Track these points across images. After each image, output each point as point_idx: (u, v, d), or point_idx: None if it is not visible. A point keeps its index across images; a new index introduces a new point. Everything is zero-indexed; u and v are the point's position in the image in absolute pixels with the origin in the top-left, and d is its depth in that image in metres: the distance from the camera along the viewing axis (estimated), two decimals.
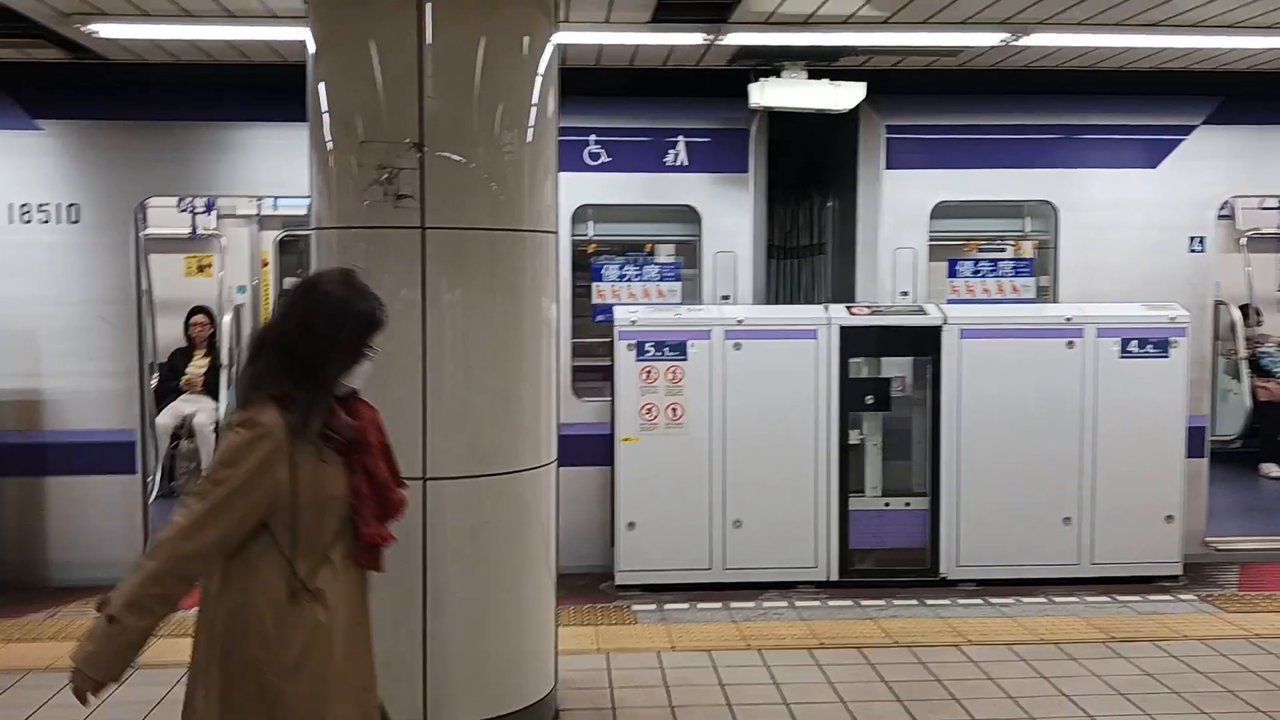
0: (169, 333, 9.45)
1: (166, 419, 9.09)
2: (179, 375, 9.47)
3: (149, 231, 8.05)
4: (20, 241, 6.95)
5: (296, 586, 2.73)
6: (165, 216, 9.55)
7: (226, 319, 9.80)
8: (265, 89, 6.95)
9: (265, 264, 10.31)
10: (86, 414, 7.03)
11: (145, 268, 7.39)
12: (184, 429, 9.29)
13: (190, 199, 9.56)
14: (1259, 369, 9.99)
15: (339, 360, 2.80)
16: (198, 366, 9.56)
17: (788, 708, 4.73)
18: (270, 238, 10.28)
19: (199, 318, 9.63)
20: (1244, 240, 10.42)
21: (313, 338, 2.76)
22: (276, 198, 9.69)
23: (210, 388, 9.50)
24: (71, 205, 6.97)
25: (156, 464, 8.32)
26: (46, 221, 6.96)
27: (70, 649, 2.74)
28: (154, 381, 8.40)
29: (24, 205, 6.94)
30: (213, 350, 9.66)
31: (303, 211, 9.42)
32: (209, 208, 9.94)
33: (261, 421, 2.68)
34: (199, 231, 9.96)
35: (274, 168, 7.09)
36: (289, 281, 10.34)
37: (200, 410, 9.34)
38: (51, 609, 6.43)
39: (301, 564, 2.75)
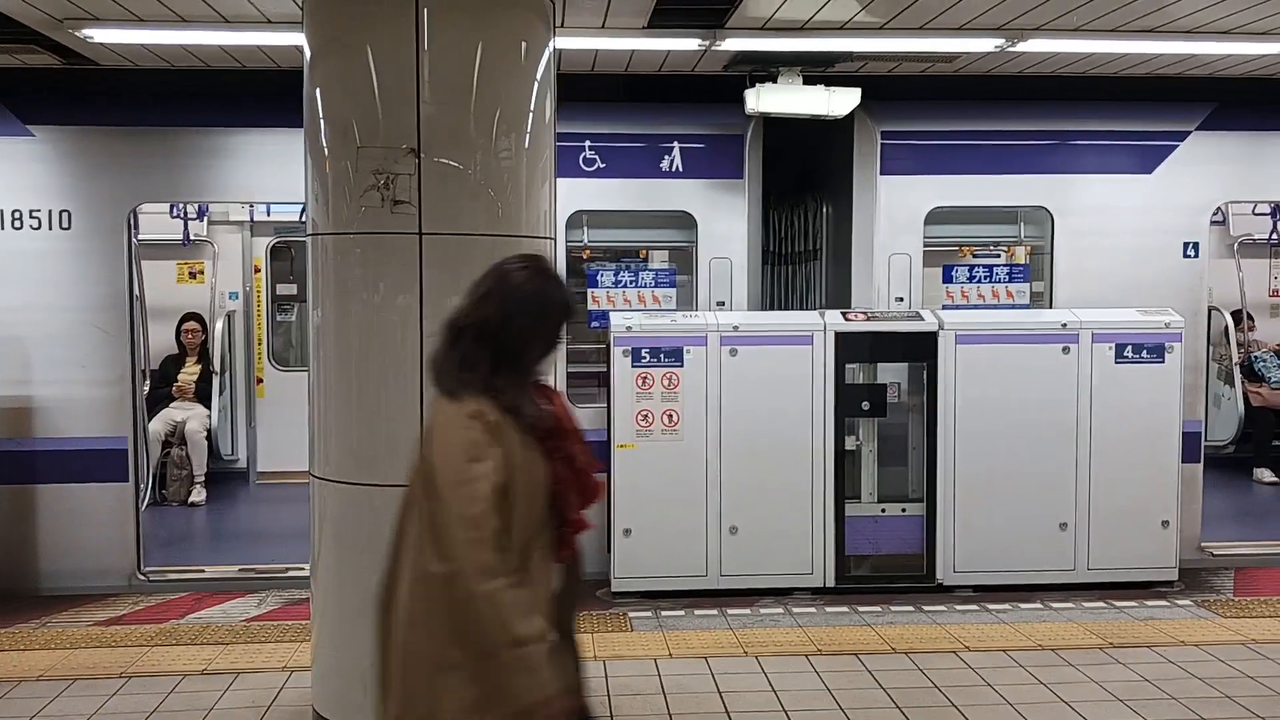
0: (161, 339, 9.42)
1: (158, 426, 9.06)
2: (171, 382, 9.45)
3: (141, 238, 8.01)
4: (12, 248, 6.91)
5: (510, 579, 2.66)
6: (157, 223, 9.53)
7: (218, 325, 9.79)
8: (258, 95, 6.93)
9: (257, 270, 10.28)
10: (78, 421, 6.98)
11: (137, 274, 7.35)
12: (176, 436, 9.26)
13: (182, 205, 9.53)
14: (1252, 374, 10.03)
15: (539, 349, 2.81)
16: (189, 373, 9.54)
17: (786, 715, 4.72)
18: (262, 244, 10.26)
19: (191, 324, 9.61)
20: (1236, 246, 10.44)
21: (514, 328, 2.74)
22: (269, 204, 9.66)
23: (202, 394, 9.47)
24: (63, 211, 6.93)
25: (148, 471, 8.27)
26: (38, 228, 6.93)
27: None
28: (146, 388, 8.36)
29: (15, 211, 6.90)
30: (204, 357, 9.64)
31: (295, 218, 9.52)
32: (201, 214, 9.91)
33: (484, 412, 2.65)
34: (191, 238, 9.94)
35: (267, 174, 7.06)
36: (281, 288, 10.35)
37: (192, 417, 9.32)
38: (43, 618, 6.39)
39: (513, 556, 2.67)
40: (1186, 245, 7.48)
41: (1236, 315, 10.17)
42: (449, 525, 2.57)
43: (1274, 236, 10.53)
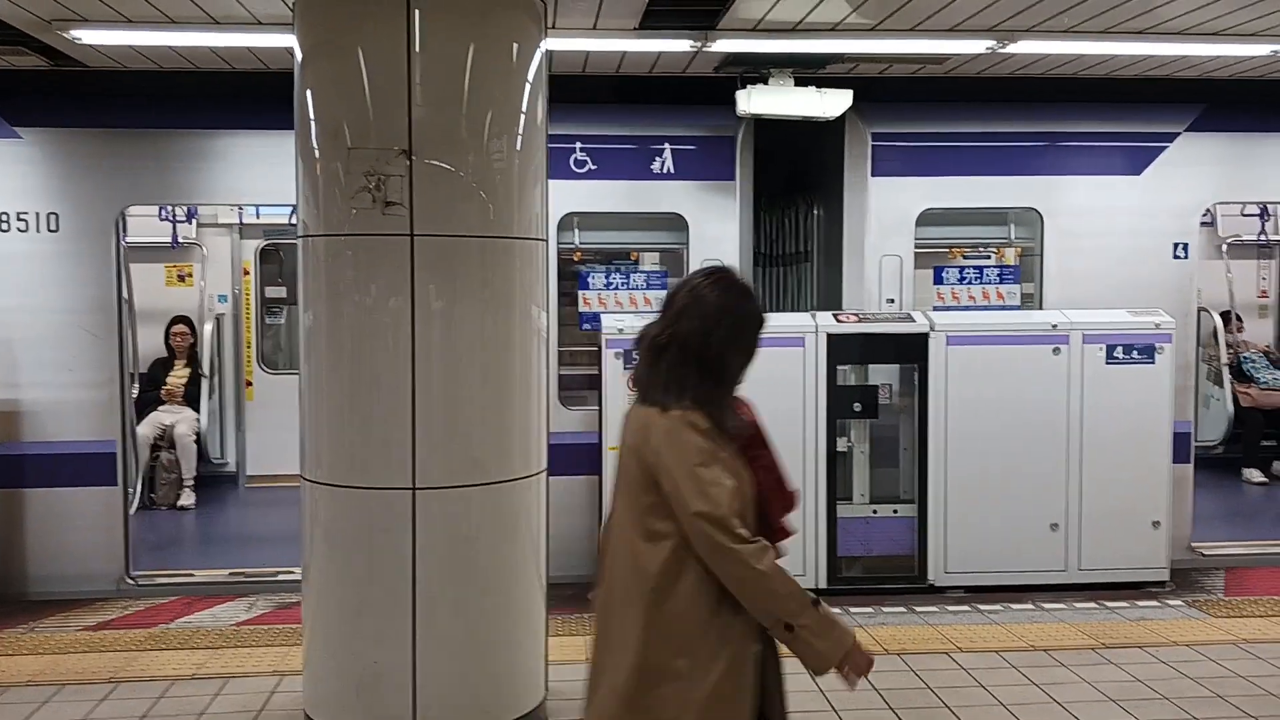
0: (149, 343, 9.36)
1: (147, 430, 9.02)
2: (159, 385, 9.41)
3: (129, 240, 7.97)
4: None
5: (725, 588, 2.70)
6: (146, 225, 9.48)
7: (207, 329, 9.75)
8: (248, 97, 6.91)
9: (246, 273, 10.24)
10: (66, 425, 6.94)
11: (126, 277, 7.31)
12: (165, 440, 9.22)
13: (171, 208, 9.49)
14: (1241, 375, 10.06)
15: (740, 360, 2.86)
16: (178, 377, 9.50)
17: None
18: (251, 246, 10.22)
19: (179, 327, 9.58)
20: (1225, 247, 10.48)
21: (714, 343, 2.79)
22: (259, 206, 9.63)
23: (191, 398, 9.43)
24: (51, 214, 6.89)
25: (137, 475, 8.23)
26: (26, 230, 6.88)
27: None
28: (134, 392, 8.32)
29: (3, 214, 6.85)
30: (193, 360, 9.60)
31: (284, 220, 9.48)
32: (190, 216, 9.87)
33: (698, 421, 2.71)
34: (180, 240, 9.89)
35: (257, 176, 7.04)
36: (271, 290, 10.32)
37: (181, 421, 9.28)
38: (30, 623, 6.35)
39: None
40: (1176, 246, 7.51)
41: (1225, 316, 10.21)
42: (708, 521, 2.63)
43: (1262, 237, 10.57)
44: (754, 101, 6.62)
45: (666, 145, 7.26)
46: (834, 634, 2.73)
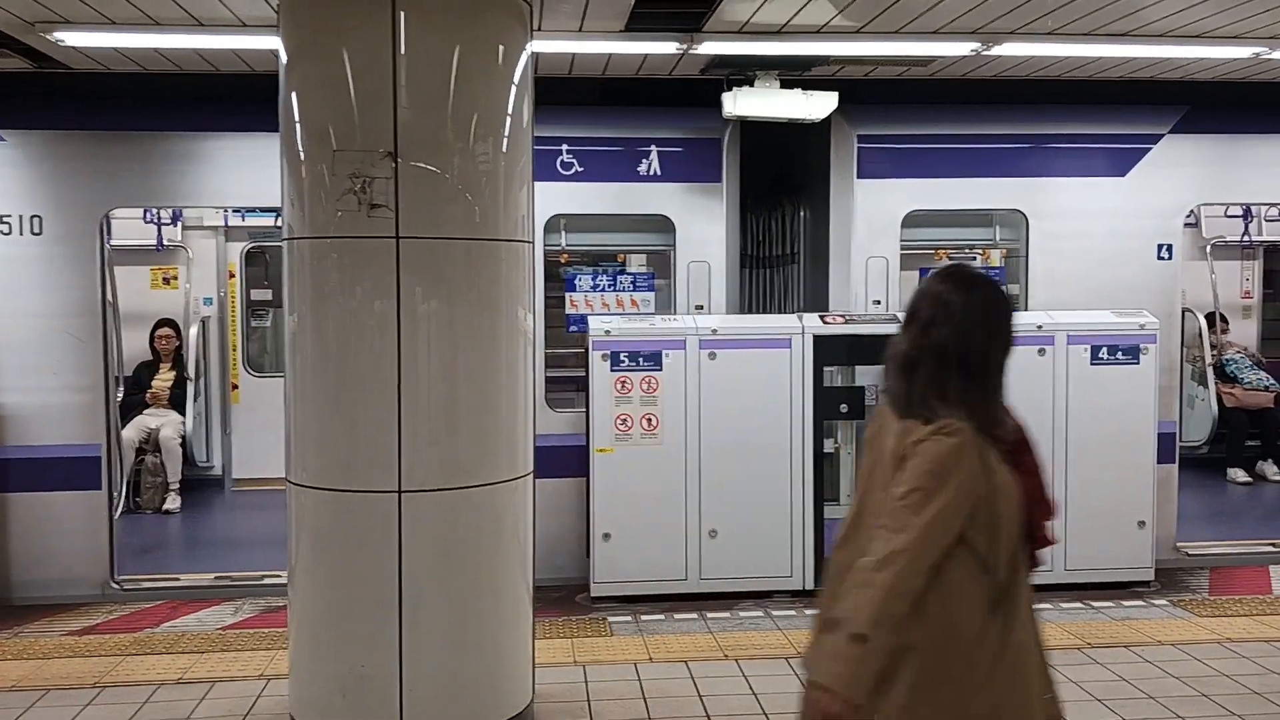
0: (134, 346, 9.32)
1: (131, 433, 8.97)
2: (144, 389, 9.36)
3: (114, 243, 7.94)
4: None
5: (997, 597, 2.66)
6: (130, 228, 9.44)
7: (193, 331, 9.70)
8: (233, 99, 6.88)
9: (232, 276, 10.20)
10: (50, 429, 6.90)
11: (110, 280, 7.28)
12: (150, 443, 9.18)
13: (156, 210, 9.45)
14: (1225, 375, 10.11)
15: (1001, 357, 2.78)
16: (163, 380, 9.46)
17: (766, 718, 4.71)
18: (237, 249, 10.18)
19: (165, 330, 9.53)
20: (1209, 248, 10.54)
21: (974, 344, 2.73)
22: (244, 210, 9.59)
23: (176, 401, 9.39)
24: (35, 217, 6.86)
25: (122, 479, 8.18)
26: (9, 233, 6.84)
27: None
28: (119, 395, 8.27)
29: None
30: (178, 363, 9.56)
31: (269, 223, 9.45)
32: (175, 219, 9.83)
33: (959, 428, 2.63)
34: (165, 243, 9.85)
35: (242, 178, 7.01)
36: (256, 293, 10.28)
37: (166, 424, 9.24)
38: (14, 628, 6.31)
39: (999, 573, 2.67)
40: (1160, 247, 7.54)
41: (1210, 317, 10.26)
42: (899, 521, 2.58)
43: (1246, 239, 10.63)
44: (740, 104, 6.63)
45: (653, 147, 7.26)
46: (863, 676, 2.57)
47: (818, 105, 6.71)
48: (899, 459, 2.68)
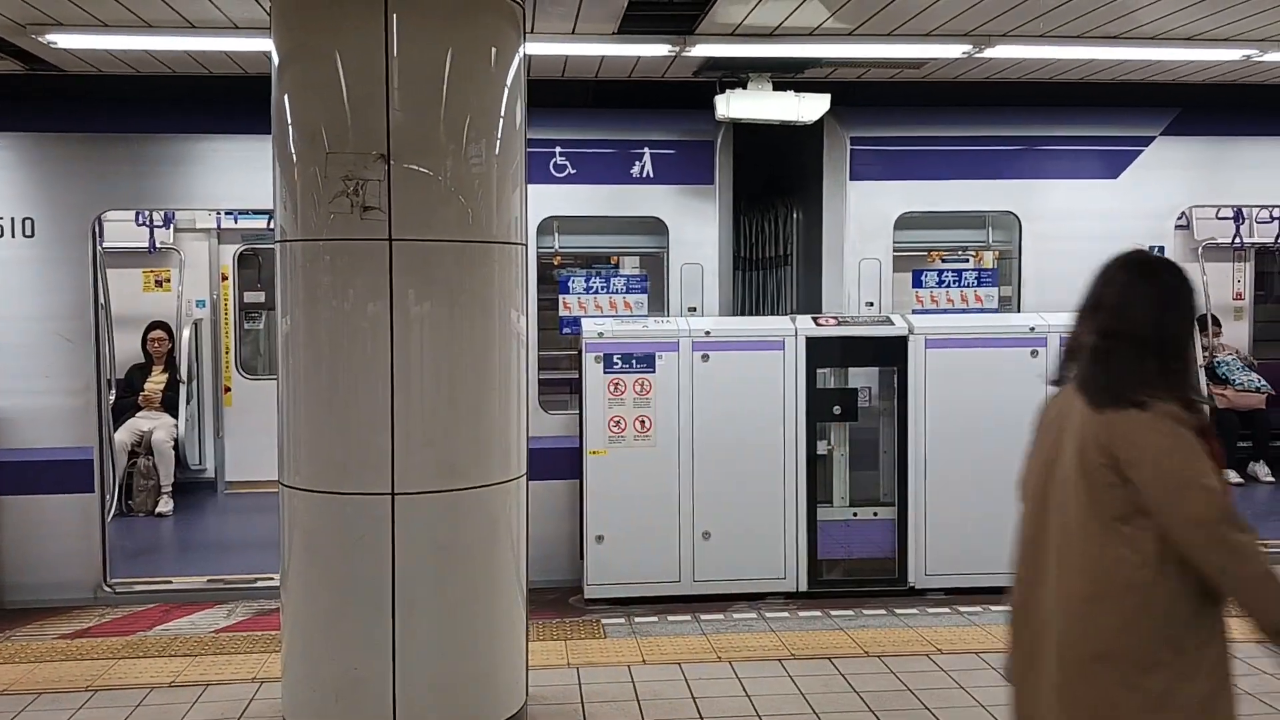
0: (127, 348, 9.30)
1: (124, 436, 8.96)
2: (137, 391, 9.35)
3: (106, 245, 7.92)
4: None
5: (1208, 588, 2.68)
6: (123, 230, 9.43)
7: (185, 334, 9.69)
8: (225, 101, 6.88)
9: (225, 278, 10.19)
10: (42, 432, 6.89)
11: (102, 282, 7.26)
12: (142, 446, 9.16)
13: (148, 212, 9.44)
14: (1216, 377, 10.14)
15: (1188, 334, 2.80)
16: (156, 382, 9.44)
17: None
18: (230, 251, 10.17)
19: (157, 333, 9.52)
20: (1201, 250, 10.57)
21: (1166, 327, 2.75)
22: (237, 212, 9.58)
23: (169, 404, 9.38)
24: (27, 219, 6.85)
25: (114, 482, 8.17)
26: (1, 236, 6.83)
27: None
28: (111, 398, 8.26)
29: None
30: (171, 366, 9.54)
31: (262, 225, 9.43)
32: (167, 221, 9.82)
33: (1176, 413, 2.65)
34: (157, 245, 9.83)
35: (234, 180, 7.01)
36: (249, 296, 10.27)
37: (158, 427, 9.22)
38: (6, 631, 6.29)
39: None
40: (1152, 249, 7.53)
41: (1201, 319, 10.28)
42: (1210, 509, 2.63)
43: (1237, 240, 10.66)
44: (732, 106, 6.64)
45: (646, 149, 7.27)
46: None
47: (810, 107, 6.72)
48: (1104, 450, 2.69)
